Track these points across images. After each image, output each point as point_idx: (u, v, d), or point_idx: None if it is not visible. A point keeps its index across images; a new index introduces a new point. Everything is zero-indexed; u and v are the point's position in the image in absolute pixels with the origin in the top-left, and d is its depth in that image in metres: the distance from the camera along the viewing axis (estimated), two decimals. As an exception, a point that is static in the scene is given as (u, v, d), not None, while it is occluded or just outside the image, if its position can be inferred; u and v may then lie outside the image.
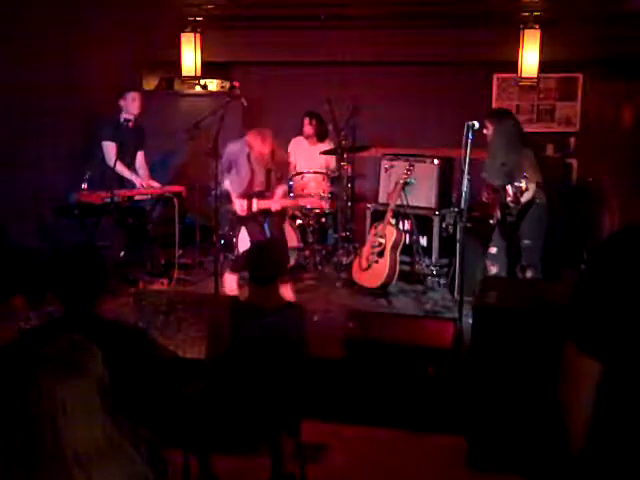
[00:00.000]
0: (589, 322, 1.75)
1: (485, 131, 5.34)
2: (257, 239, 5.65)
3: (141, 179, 6.05)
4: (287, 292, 5.68)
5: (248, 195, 5.60)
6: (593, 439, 1.76)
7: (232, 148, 5.60)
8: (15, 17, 5.92)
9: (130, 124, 6.03)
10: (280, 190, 5.75)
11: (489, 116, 5.49)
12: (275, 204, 5.63)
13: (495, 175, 5.32)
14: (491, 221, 5.45)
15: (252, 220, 5.65)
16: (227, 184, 5.63)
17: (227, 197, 5.73)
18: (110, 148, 5.92)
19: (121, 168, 5.87)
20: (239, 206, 5.59)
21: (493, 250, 5.47)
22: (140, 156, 6.22)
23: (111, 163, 5.77)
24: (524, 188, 4.95)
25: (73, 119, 6.28)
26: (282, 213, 5.84)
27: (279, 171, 5.72)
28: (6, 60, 5.89)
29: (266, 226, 5.80)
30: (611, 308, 1.72)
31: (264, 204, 5.61)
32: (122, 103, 6.03)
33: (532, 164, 5.17)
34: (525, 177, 4.93)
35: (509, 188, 5.11)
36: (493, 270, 5.45)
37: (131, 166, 6.11)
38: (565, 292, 1.88)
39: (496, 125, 5.36)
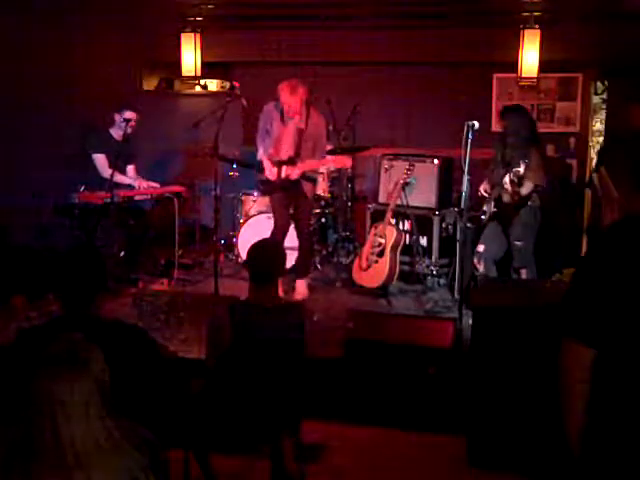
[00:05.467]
0: (587, 311, 1.75)
1: (499, 128, 5.38)
2: (280, 214, 5.60)
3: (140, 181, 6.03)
4: (301, 288, 5.68)
5: (278, 162, 5.40)
6: (590, 435, 1.77)
7: (267, 107, 5.48)
8: (15, 18, 5.93)
9: (119, 137, 5.90)
10: (310, 163, 5.44)
11: (503, 112, 5.51)
12: (296, 170, 5.35)
13: (501, 171, 5.33)
14: (483, 217, 5.47)
15: (279, 191, 5.51)
16: (261, 152, 5.51)
17: (260, 167, 5.59)
18: (100, 160, 5.86)
19: (119, 178, 5.80)
20: (269, 170, 5.43)
21: (481, 248, 5.48)
22: (131, 170, 6.10)
23: (105, 174, 5.72)
24: (521, 173, 4.95)
25: (73, 119, 6.28)
26: (308, 200, 5.63)
27: (312, 139, 5.39)
28: (6, 61, 5.90)
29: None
30: (609, 297, 1.73)
31: (290, 170, 5.37)
32: (117, 118, 5.91)
33: (538, 164, 5.17)
34: (525, 162, 4.93)
35: (507, 177, 5.11)
36: (480, 268, 5.45)
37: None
38: (563, 290, 1.89)
39: (508, 121, 5.38)
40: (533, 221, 5.38)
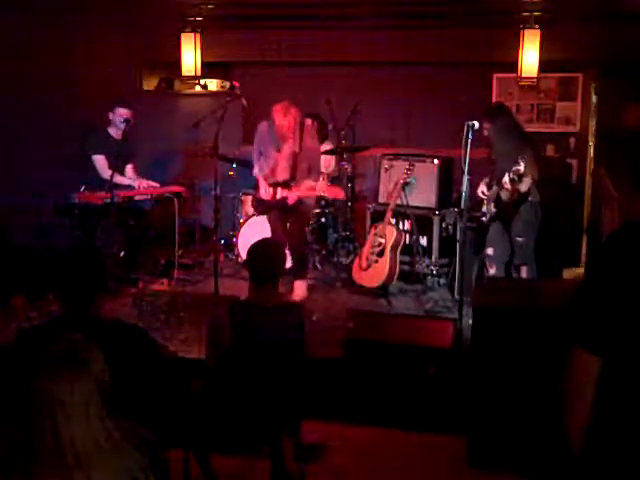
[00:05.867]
0: (592, 320, 1.75)
1: (485, 132, 5.36)
2: (278, 231, 5.55)
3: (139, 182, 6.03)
4: (300, 289, 5.65)
5: (273, 183, 5.40)
6: (593, 437, 1.77)
7: (261, 127, 5.46)
8: (15, 18, 5.93)
9: (118, 136, 5.90)
10: (306, 184, 5.42)
11: (484, 115, 5.51)
12: (292, 194, 5.36)
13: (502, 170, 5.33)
14: (484, 219, 5.47)
15: (275, 210, 5.51)
16: (256, 170, 5.51)
17: (255, 185, 5.61)
18: (100, 161, 5.87)
19: (119, 179, 5.80)
20: (264, 190, 5.42)
21: (490, 251, 5.48)
22: (130, 169, 6.10)
23: (105, 175, 5.72)
24: (522, 170, 4.94)
25: (73, 119, 6.28)
26: (304, 216, 5.65)
27: (307, 161, 5.38)
28: (6, 61, 5.90)
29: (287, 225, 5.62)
30: (613, 305, 1.73)
31: (287, 192, 5.37)
32: (111, 117, 5.92)
33: (532, 159, 5.17)
34: (524, 159, 4.92)
35: (506, 176, 5.11)
36: (491, 271, 5.46)
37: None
38: (564, 290, 1.89)
39: (492, 122, 5.38)
40: (534, 218, 5.38)
